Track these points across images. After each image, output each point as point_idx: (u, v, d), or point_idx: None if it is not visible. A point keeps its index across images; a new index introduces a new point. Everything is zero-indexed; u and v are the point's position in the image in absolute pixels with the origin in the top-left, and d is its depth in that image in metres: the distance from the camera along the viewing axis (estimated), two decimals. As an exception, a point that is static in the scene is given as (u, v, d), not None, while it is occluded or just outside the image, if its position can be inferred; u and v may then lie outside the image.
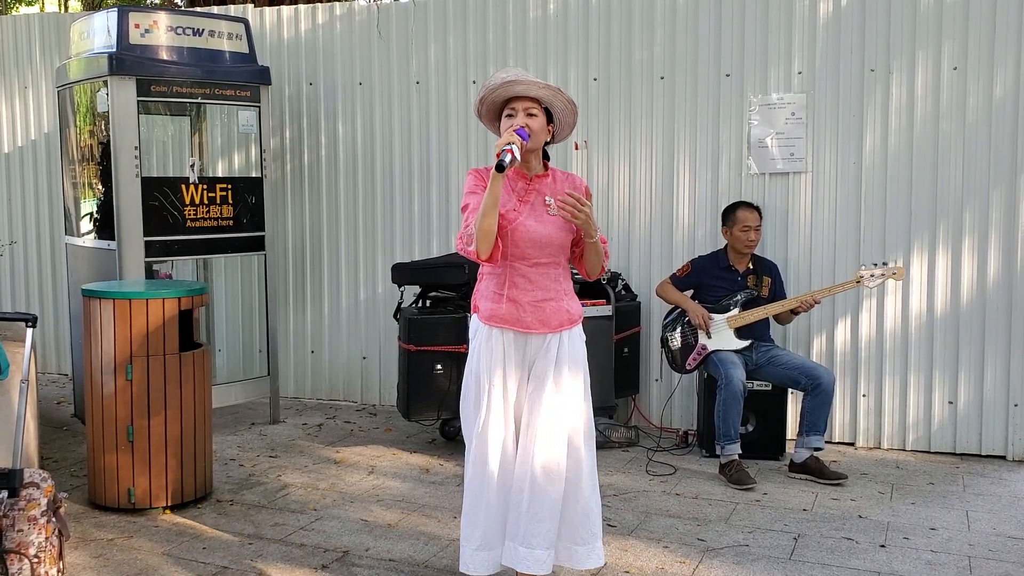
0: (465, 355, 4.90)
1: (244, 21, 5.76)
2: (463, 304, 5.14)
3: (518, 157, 2.88)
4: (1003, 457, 5.14)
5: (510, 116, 3.04)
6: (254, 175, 5.87)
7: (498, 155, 2.85)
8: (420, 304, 5.38)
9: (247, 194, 5.69)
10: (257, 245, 5.76)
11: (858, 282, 4.84)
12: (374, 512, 4.28)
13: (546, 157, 3.23)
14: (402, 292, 5.45)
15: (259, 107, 5.70)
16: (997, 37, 5.02)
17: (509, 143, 2.88)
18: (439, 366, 5.04)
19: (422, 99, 6.23)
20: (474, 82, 6.07)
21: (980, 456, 5.17)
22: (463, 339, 5.01)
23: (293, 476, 4.82)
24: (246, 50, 5.69)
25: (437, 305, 5.32)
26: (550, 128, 3.14)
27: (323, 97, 6.46)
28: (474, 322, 3.20)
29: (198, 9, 7.25)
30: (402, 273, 5.37)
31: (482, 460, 3.12)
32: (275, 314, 6.01)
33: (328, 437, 5.61)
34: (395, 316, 5.36)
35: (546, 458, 3.07)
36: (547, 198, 3.11)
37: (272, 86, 5.94)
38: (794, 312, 4.98)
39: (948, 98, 5.14)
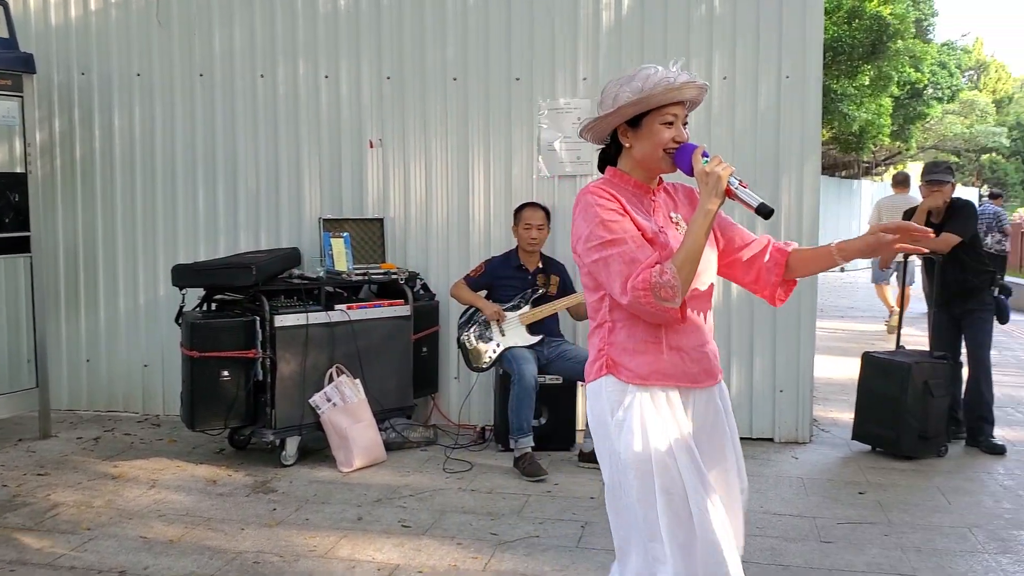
0: (254, 360, 4.74)
1: (3, 3, 5.29)
2: (251, 307, 4.95)
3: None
4: (771, 439, 5.56)
5: (670, 124, 2.34)
6: (18, 170, 5.39)
7: (729, 192, 2.25)
8: (204, 308, 5.14)
9: (9, 191, 5.23)
10: (22, 246, 5.32)
11: None
12: (155, 528, 4.05)
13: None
14: (184, 295, 5.18)
15: (22, 97, 5.26)
16: (761, 50, 5.41)
17: (731, 178, 2.27)
18: (226, 373, 4.83)
19: (207, 91, 5.96)
20: (262, 75, 5.88)
21: (751, 439, 5.56)
22: (251, 344, 4.84)
23: (65, 494, 4.48)
24: (6, 34, 5.23)
25: (223, 308, 5.11)
26: None
27: (97, 88, 6.05)
28: (611, 388, 2.33)
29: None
30: (183, 275, 5.09)
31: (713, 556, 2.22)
32: (44, 321, 5.57)
33: (106, 451, 5.25)
34: (177, 321, 5.09)
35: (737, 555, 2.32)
36: (672, 214, 2.44)
37: (38, 75, 5.50)
38: None
39: (719, 106, 5.49)
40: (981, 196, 14.61)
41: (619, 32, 5.54)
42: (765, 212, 2.23)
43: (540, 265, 5.29)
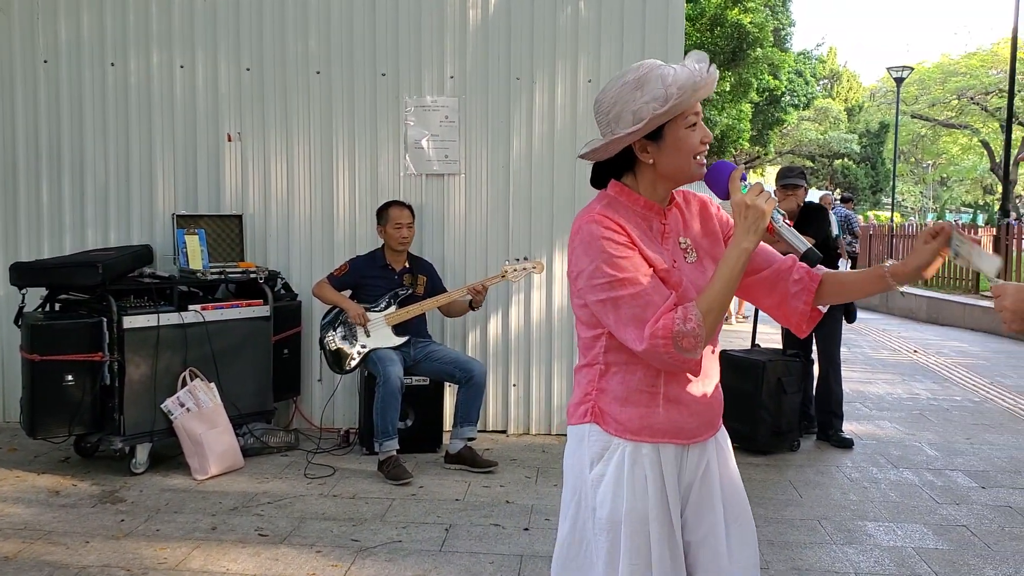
0: (100, 363, 4.49)
1: None
2: (98, 307, 4.69)
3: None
4: (634, 436, 5.66)
5: (694, 127, 1.98)
6: None
7: (771, 229, 1.95)
8: (47, 308, 4.83)
9: None
10: None
11: (503, 276, 5.07)
12: (-12, 545, 3.77)
13: None
14: (24, 295, 4.85)
15: None
16: (625, 54, 5.50)
17: (775, 213, 1.96)
18: (70, 377, 4.55)
19: (51, 81, 5.62)
20: (112, 64, 5.59)
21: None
22: (97, 346, 4.58)
23: None
24: None
25: (68, 309, 4.81)
26: None
27: (-74, 71, 5.61)
28: (594, 437, 2.06)
29: None
30: (24, 273, 4.77)
31: None
32: None
33: (-65, 463, 4.88)
34: (16, 322, 4.76)
35: None
36: (680, 240, 2.08)
37: None
38: (472, 307, 5.08)
39: (584, 107, 5.55)
40: (833, 200, 15.42)
41: (486, 31, 5.53)
42: (813, 259, 1.96)
43: (407, 265, 5.22)
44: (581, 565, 2.09)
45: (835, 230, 5.90)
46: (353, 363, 5.04)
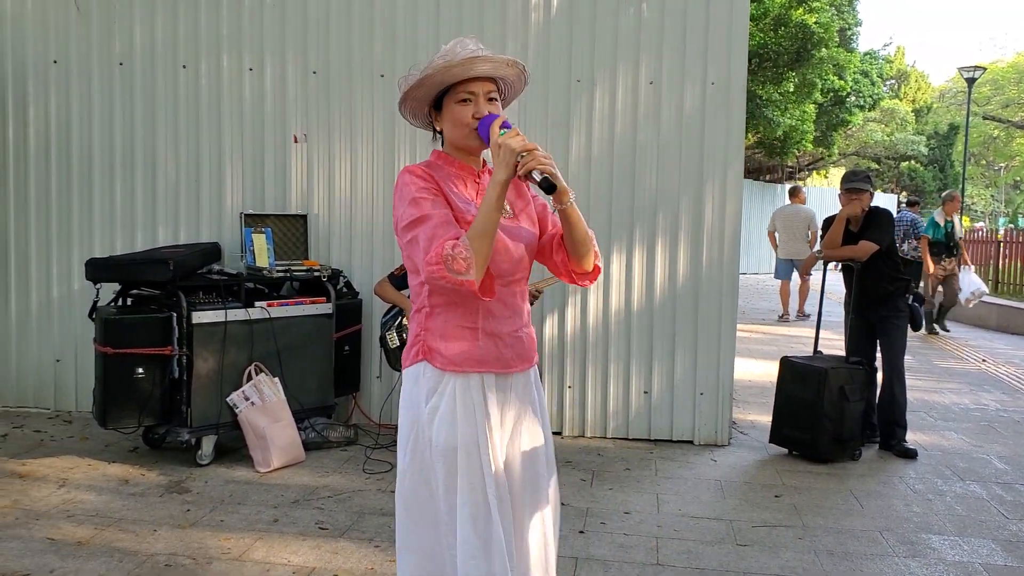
0: (170, 357, 4.63)
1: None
2: (168, 303, 4.83)
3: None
4: (691, 442, 5.64)
5: (466, 102, 2.28)
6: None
7: (519, 168, 2.15)
8: (119, 303, 5.00)
9: (-89, 178, 5.01)
10: (-76, 236, 5.09)
11: (553, 280, 5.06)
12: (63, 529, 3.92)
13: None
14: (98, 290, 5.03)
15: (-73, 80, 5.03)
16: (687, 56, 5.48)
17: (530, 162, 2.15)
18: (140, 370, 4.70)
19: (126, 82, 5.80)
20: (184, 66, 5.74)
21: (671, 441, 5.64)
22: (167, 340, 4.72)
23: (-34, 496, 4.31)
24: (-90, 14, 5.00)
25: (139, 304, 4.97)
26: None
27: (11, 75, 5.83)
28: (427, 374, 2.31)
29: None
30: (99, 269, 4.94)
31: (489, 559, 2.23)
32: (-52, 314, 5.35)
33: (13, 448, 5.07)
34: (91, 316, 4.93)
35: (545, 542, 2.43)
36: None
37: (-56, 57, 5.28)
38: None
39: (645, 110, 5.54)
40: (899, 203, 15.06)
41: (547, 33, 5.55)
42: (544, 187, 2.16)
43: (465, 265, 5.25)
44: (421, 497, 2.31)
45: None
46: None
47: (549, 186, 2.15)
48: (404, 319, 5.12)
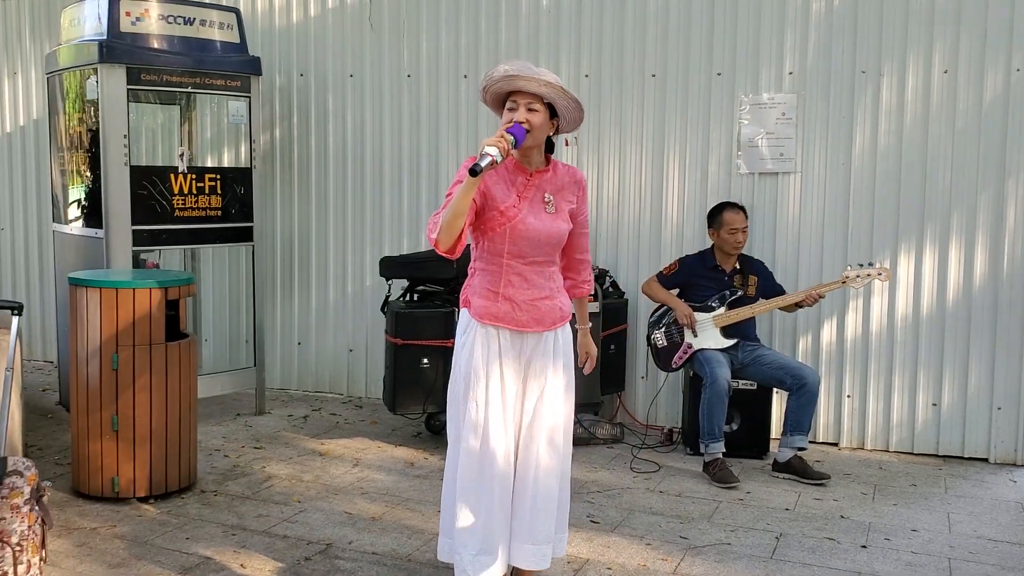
0: (451, 349, 4.92)
1: (236, 11, 5.73)
2: (451, 298, 5.14)
3: (498, 160, 2.76)
4: (985, 460, 5.17)
5: (512, 109, 2.94)
6: (243, 165, 5.85)
7: (475, 157, 2.77)
8: (408, 298, 5.38)
9: (236, 184, 5.67)
10: (245, 236, 5.74)
11: (844, 282, 4.85)
12: (358, 505, 4.28)
13: (549, 150, 3.11)
14: (390, 286, 5.44)
15: (249, 97, 5.67)
16: (988, 41, 5.03)
17: (487, 149, 2.76)
18: (426, 360, 5.04)
19: (413, 92, 6.21)
20: (465, 76, 6.06)
21: (963, 458, 5.20)
22: (450, 333, 4.99)
23: (278, 467, 4.81)
24: (237, 39, 5.66)
25: (425, 299, 5.32)
26: (554, 123, 3.03)
27: (314, 88, 6.43)
28: (465, 317, 3.09)
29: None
30: (390, 267, 5.36)
31: (481, 461, 3.00)
32: (262, 305, 6.00)
33: (313, 429, 5.60)
34: (382, 309, 5.35)
35: (549, 455, 3.07)
36: (546, 195, 3.04)
37: (263, 76, 5.92)
38: (799, 305, 4.98)
39: (938, 101, 5.15)
40: None
41: (830, 23, 5.31)
42: (473, 171, 2.70)
43: (737, 265, 5.15)
44: (454, 398, 3.14)
45: None
46: (679, 362, 5.08)
47: (471, 169, 2.71)
48: (673, 319, 5.10)
